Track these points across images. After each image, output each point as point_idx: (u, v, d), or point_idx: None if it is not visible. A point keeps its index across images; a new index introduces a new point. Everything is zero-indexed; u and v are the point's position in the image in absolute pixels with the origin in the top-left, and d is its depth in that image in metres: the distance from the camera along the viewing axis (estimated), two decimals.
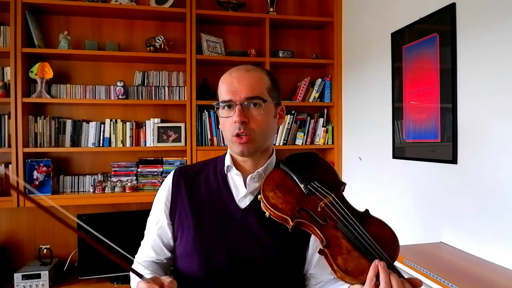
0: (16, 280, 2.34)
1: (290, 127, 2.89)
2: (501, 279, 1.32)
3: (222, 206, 1.03)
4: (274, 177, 0.98)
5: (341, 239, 0.84)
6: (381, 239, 0.84)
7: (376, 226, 0.88)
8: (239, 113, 0.95)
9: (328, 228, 0.86)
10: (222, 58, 2.81)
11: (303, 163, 1.01)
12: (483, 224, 1.57)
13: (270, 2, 2.88)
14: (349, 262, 0.80)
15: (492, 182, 1.54)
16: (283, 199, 0.92)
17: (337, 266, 0.80)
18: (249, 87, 0.97)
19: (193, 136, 2.68)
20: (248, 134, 0.97)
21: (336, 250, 0.82)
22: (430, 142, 1.89)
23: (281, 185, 0.95)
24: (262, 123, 0.98)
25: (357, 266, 0.80)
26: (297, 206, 0.89)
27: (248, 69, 1.01)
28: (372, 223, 0.89)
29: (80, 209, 2.63)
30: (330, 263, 0.82)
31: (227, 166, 1.06)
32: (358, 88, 2.66)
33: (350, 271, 0.79)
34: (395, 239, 0.87)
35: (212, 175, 1.09)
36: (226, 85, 0.99)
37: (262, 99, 0.98)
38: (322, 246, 0.83)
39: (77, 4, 2.53)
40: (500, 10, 1.50)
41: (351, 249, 0.82)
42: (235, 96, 0.96)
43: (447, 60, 1.75)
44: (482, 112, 1.59)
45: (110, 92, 2.69)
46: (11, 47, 2.40)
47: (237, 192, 1.04)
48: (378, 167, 2.36)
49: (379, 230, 0.88)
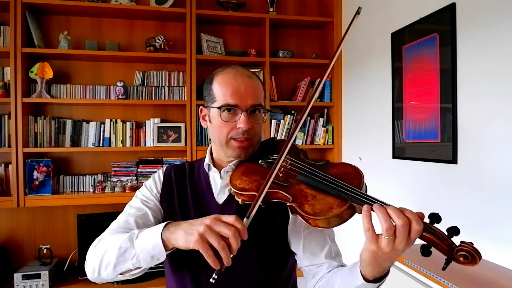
0: (16, 280, 2.35)
1: (290, 127, 2.89)
2: (501, 279, 1.32)
3: (204, 204, 1.05)
4: (239, 168, 1.02)
5: (304, 189, 0.88)
6: (344, 176, 0.88)
7: (337, 168, 0.93)
8: (246, 120, 0.97)
9: (292, 186, 0.90)
10: (222, 58, 2.81)
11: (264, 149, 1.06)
12: (483, 224, 1.57)
13: (270, 2, 2.88)
14: (315, 205, 0.83)
15: (492, 182, 1.54)
16: (249, 180, 0.96)
17: (306, 214, 0.82)
18: (254, 94, 1.00)
19: (193, 136, 2.68)
20: (250, 139, 1.00)
21: (302, 200, 0.85)
22: (430, 142, 1.89)
23: (246, 171, 1.00)
24: (260, 129, 1.04)
25: (324, 205, 0.82)
26: (261, 181, 0.92)
27: (249, 75, 1.03)
28: (333, 167, 0.94)
29: (80, 209, 2.63)
30: (300, 215, 0.84)
31: (207, 164, 1.09)
32: (358, 88, 2.66)
33: (318, 212, 0.81)
34: (356, 170, 0.91)
35: (196, 175, 1.11)
36: (232, 89, 0.99)
37: (263, 107, 1.02)
38: (289, 203, 0.86)
39: (77, 4, 2.53)
40: (500, 10, 1.50)
41: (316, 194, 0.86)
42: (241, 102, 0.98)
43: (447, 60, 1.75)
44: (482, 112, 1.59)
45: (110, 92, 2.69)
46: (11, 47, 2.40)
47: (216, 189, 1.07)
48: (378, 167, 2.36)
49: (340, 169, 0.93)
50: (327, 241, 1.01)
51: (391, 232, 0.70)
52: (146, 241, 0.83)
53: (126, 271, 0.87)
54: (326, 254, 0.99)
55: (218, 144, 1.04)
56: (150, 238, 0.83)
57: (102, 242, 0.93)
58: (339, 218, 0.81)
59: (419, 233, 0.71)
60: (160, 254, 0.82)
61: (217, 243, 0.74)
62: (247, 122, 0.97)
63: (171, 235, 0.81)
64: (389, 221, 0.70)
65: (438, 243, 0.72)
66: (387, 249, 0.71)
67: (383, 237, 0.70)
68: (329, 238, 1.02)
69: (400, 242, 0.70)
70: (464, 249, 0.70)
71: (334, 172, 0.90)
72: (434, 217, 0.74)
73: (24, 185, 2.43)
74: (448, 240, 0.72)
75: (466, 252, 0.69)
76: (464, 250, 0.70)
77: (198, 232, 0.75)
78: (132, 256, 0.84)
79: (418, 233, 0.71)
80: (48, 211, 2.67)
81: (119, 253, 0.85)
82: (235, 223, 0.76)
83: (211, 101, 1.02)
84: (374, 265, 0.76)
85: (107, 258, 0.87)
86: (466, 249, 0.70)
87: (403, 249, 0.71)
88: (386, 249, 0.71)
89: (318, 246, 0.99)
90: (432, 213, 0.74)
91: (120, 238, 0.88)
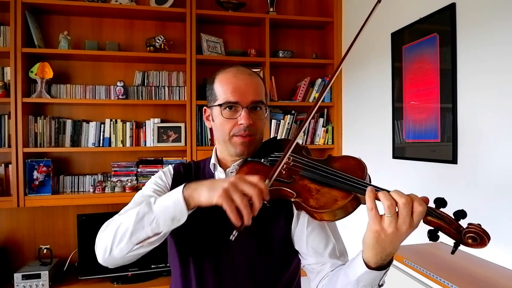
0: (16, 280, 2.35)
1: (290, 127, 2.89)
2: (501, 279, 1.32)
3: None
4: (243, 168, 1.03)
5: (308, 184, 0.88)
6: (347, 168, 0.88)
7: (340, 161, 0.93)
8: (247, 116, 0.99)
9: (296, 182, 0.90)
10: (222, 58, 2.81)
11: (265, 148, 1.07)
12: (483, 224, 1.56)
13: (270, 2, 2.88)
14: (320, 199, 0.83)
15: (492, 182, 1.54)
16: None
17: (312, 208, 0.82)
18: (254, 91, 1.01)
19: (193, 136, 2.68)
20: (252, 135, 1.01)
21: (306, 195, 0.85)
22: (430, 142, 1.89)
23: (250, 171, 1.00)
24: (262, 125, 1.05)
25: (329, 198, 0.82)
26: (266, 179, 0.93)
27: (250, 73, 1.05)
28: (336, 161, 0.94)
29: (80, 209, 2.63)
30: (306, 209, 0.84)
31: (212, 164, 1.10)
32: (358, 88, 2.66)
33: (323, 205, 0.81)
34: (359, 162, 0.91)
35: (202, 174, 1.12)
36: (232, 87, 1.00)
37: (264, 103, 1.04)
38: (293, 198, 0.86)
39: (77, 4, 2.53)
40: (500, 10, 1.50)
41: (320, 188, 0.86)
42: (242, 99, 0.99)
43: (447, 60, 1.75)
44: (482, 112, 1.59)
45: (110, 92, 2.69)
46: (11, 47, 2.40)
47: None
48: (378, 167, 2.36)
49: (343, 162, 0.92)
50: (330, 239, 1.00)
51: (393, 210, 0.70)
52: (166, 201, 0.81)
53: (143, 240, 0.83)
54: (330, 253, 0.98)
55: (222, 142, 1.05)
56: (170, 198, 0.81)
57: (115, 219, 0.90)
58: (344, 210, 0.81)
59: (422, 215, 0.71)
60: (182, 214, 0.80)
61: (240, 200, 0.75)
62: (248, 118, 0.98)
63: (193, 191, 0.80)
64: (391, 199, 0.71)
65: (446, 227, 0.71)
66: (390, 229, 0.71)
67: (386, 216, 0.71)
68: (334, 236, 1.01)
69: (403, 222, 0.70)
70: (472, 231, 0.69)
71: (337, 165, 0.91)
72: (439, 202, 0.73)
73: (24, 185, 2.43)
74: (455, 224, 0.71)
75: (474, 233, 0.68)
76: (472, 231, 0.69)
77: (222, 187, 0.76)
78: (151, 221, 0.81)
79: (421, 214, 0.71)
80: (48, 211, 2.67)
81: (137, 219, 0.82)
82: (258, 183, 0.78)
83: (213, 100, 1.04)
84: (377, 249, 0.75)
85: (123, 228, 0.83)
86: (474, 231, 0.69)
87: (406, 230, 0.71)
88: (389, 230, 0.71)
89: (321, 244, 0.99)
90: (437, 198, 0.74)
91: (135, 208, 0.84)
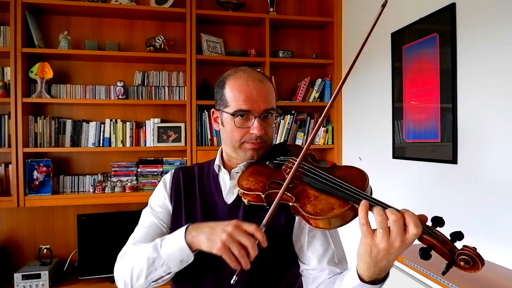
0: (16, 280, 2.35)
1: (290, 127, 2.89)
2: (501, 279, 1.32)
3: (212, 205, 1.07)
4: (247, 169, 1.04)
5: (308, 190, 0.88)
6: (348, 178, 0.87)
7: (343, 170, 0.93)
8: (260, 126, 0.99)
9: (296, 186, 0.90)
10: (222, 58, 2.81)
11: (274, 151, 1.08)
12: (483, 224, 1.57)
13: (270, 2, 2.88)
14: (317, 206, 0.82)
15: (492, 182, 1.54)
16: (255, 181, 0.98)
17: (307, 214, 0.81)
18: (266, 99, 1.01)
19: (193, 136, 2.68)
20: (263, 142, 1.02)
21: (305, 200, 0.85)
22: (430, 142, 1.89)
23: (254, 173, 1.01)
24: (273, 131, 1.07)
25: (325, 205, 0.82)
26: (268, 182, 0.95)
27: (260, 79, 1.03)
28: (339, 170, 0.94)
29: (80, 209, 2.63)
30: (302, 215, 0.84)
31: (217, 165, 1.11)
32: (358, 88, 2.66)
33: (319, 212, 0.81)
34: (361, 173, 0.91)
35: (205, 176, 1.13)
36: (244, 95, 0.99)
37: (275, 110, 1.04)
38: (291, 203, 0.86)
39: (77, 4, 2.53)
40: (500, 10, 1.50)
41: (319, 194, 0.86)
42: (254, 108, 0.99)
43: (447, 60, 1.75)
44: (482, 112, 1.59)
45: (110, 92, 2.69)
46: (11, 47, 2.40)
47: (225, 189, 1.08)
48: (378, 167, 2.36)
49: (345, 172, 0.92)
50: (330, 246, 1.00)
51: (384, 225, 0.70)
52: (171, 247, 0.88)
53: (158, 278, 0.92)
54: (328, 260, 0.98)
55: (231, 148, 1.05)
56: (175, 245, 0.88)
57: (128, 256, 0.98)
58: (340, 219, 0.80)
59: (416, 236, 0.69)
60: (189, 257, 0.87)
61: (237, 252, 0.79)
62: (261, 128, 0.99)
63: (193, 239, 0.86)
64: (383, 214, 0.71)
65: (439, 247, 0.69)
66: (381, 244, 0.70)
67: (378, 231, 0.71)
68: (334, 242, 1.01)
69: (395, 239, 0.70)
70: (466, 253, 0.66)
71: (339, 174, 0.90)
72: (437, 221, 0.71)
73: (24, 185, 2.43)
74: (449, 244, 0.69)
75: (467, 256, 0.66)
76: (466, 254, 0.66)
77: (220, 240, 0.80)
78: (161, 264, 0.89)
79: (415, 236, 0.69)
80: (48, 211, 2.67)
81: (148, 263, 0.90)
82: (256, 233, 0.80)
83: (223, 105, 1.03)
84: (369, 262, 0.75)
85: (137, 270, 0.92)
86: (468, 253, 0.66)
87: (400, 247, 0.70)
88: (381, 245, 0.71)
89: (321, 251, 0.99)
90: (435, 217, 0.72)
91: (145, 250, 0.92)
